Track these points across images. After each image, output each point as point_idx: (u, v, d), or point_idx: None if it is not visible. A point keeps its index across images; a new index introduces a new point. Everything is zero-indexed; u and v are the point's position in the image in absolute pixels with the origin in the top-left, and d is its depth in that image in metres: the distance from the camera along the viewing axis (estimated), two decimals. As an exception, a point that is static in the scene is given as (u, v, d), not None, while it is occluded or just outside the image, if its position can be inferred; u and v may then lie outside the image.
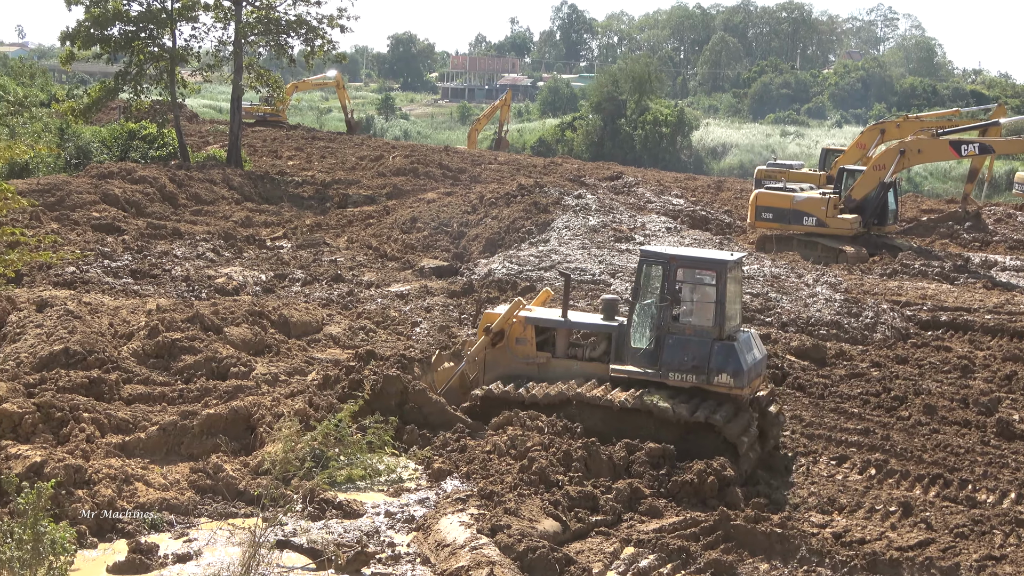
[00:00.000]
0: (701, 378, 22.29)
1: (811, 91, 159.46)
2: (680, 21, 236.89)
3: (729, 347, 22.25)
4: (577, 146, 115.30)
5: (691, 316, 23.00)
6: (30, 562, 13.54)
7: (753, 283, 38.43)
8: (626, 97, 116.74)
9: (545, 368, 24.28)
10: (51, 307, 27.55)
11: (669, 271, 22.73)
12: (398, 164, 70.48)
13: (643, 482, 20.20)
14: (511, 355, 24.60)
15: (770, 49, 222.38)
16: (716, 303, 22.40)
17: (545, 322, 24.67)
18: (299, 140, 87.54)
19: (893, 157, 47.35)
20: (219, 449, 20.29)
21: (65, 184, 48.77)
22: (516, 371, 24.42)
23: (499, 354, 24.71)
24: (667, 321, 22.72)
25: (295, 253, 43.28)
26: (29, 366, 23.88)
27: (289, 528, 16.89)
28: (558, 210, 48.58)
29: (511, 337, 24.62)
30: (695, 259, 23.49)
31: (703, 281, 23.01)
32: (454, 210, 50.86)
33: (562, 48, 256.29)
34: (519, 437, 20.92)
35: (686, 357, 22.36)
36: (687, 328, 22.70)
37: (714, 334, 22.35)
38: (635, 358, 23.08)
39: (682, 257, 23.20)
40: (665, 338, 22.67)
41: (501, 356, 24.69)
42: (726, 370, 22.08)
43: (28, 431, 19.56)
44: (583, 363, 24.10)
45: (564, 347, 24.55)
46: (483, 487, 19.08)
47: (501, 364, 24.65)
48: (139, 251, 40.13)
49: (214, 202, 54.42)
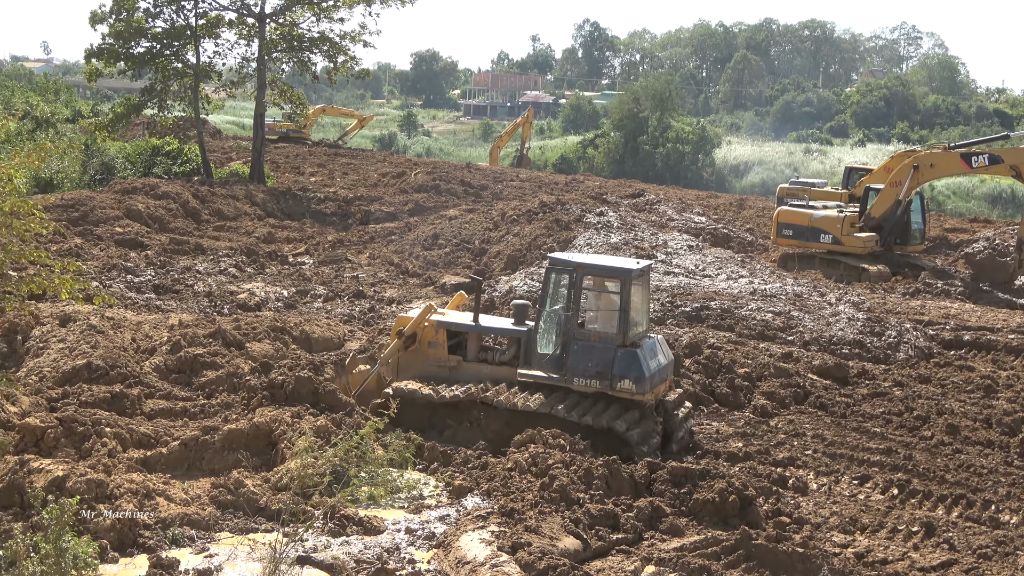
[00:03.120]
0: (604, 384, 22.92)
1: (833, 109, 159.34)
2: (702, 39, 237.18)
3: (632, 354, 22.80)
4: (599, 163, 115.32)
5: (596, 323, 23.74)
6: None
7: (775, 301, 38.30)
8: (648, 115, 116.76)
9: (456, 371, 24.68)
10: (74, 322, 27.68)
11: (575, 279, 23.31)
12: (420, 181, 70.55)
13: (664, 500, 20.14)
14: (423, 358, 24.99)
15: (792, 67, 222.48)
16: (620, 311, 22.97)
17: (456, 326, 25.15)
18: (321, 156, 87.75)
19: (907, 173, 47.20)
20: (240, 464, 20.31)
21: (89, 199, 48.94)
22: (428, 374, 24.78)
23: (412, 357, 25.08)
24: (573, 328, 23.27)
25: (317, 269, 43.37)
26: (52, 380, 24.00)
27: (309, 544, 16.87)
28: (580, 227, 48.54)
29: (423, 340, 25.03)
30: (600, 267, 24.06)
31: (608, 289, 23.64)
32: (476, 227, 50.91)
33: (584, 66, 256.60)
34: (540, 454, 20.89)
35: (590, 363, 22.99)
36: (592, 335, 23.32)
37: (618, 341, 22.91)
38: (542, 363, 23.67)
39: (588, 265, 23.75)
40: (571, 344, 23.21)
41: (414, 359, 25.07)
42: (628, 376, 22.66)
43: (51, 445, 19.62)
44: (493, 367, 24.53)
45: (475, 351, 24.98)
46: (504, 504, 19.04)
47: (414, 367, 24.99)
48: (162, 266, 40.29)
49: (237, 218, 54.55)
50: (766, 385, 29.20)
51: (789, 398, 28.59)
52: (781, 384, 29.23)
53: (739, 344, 33.20)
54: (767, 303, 37.83)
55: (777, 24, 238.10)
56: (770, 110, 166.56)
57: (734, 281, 42.25)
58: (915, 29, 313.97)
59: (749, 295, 39.54)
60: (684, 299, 37.92)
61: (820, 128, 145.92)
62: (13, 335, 27.29)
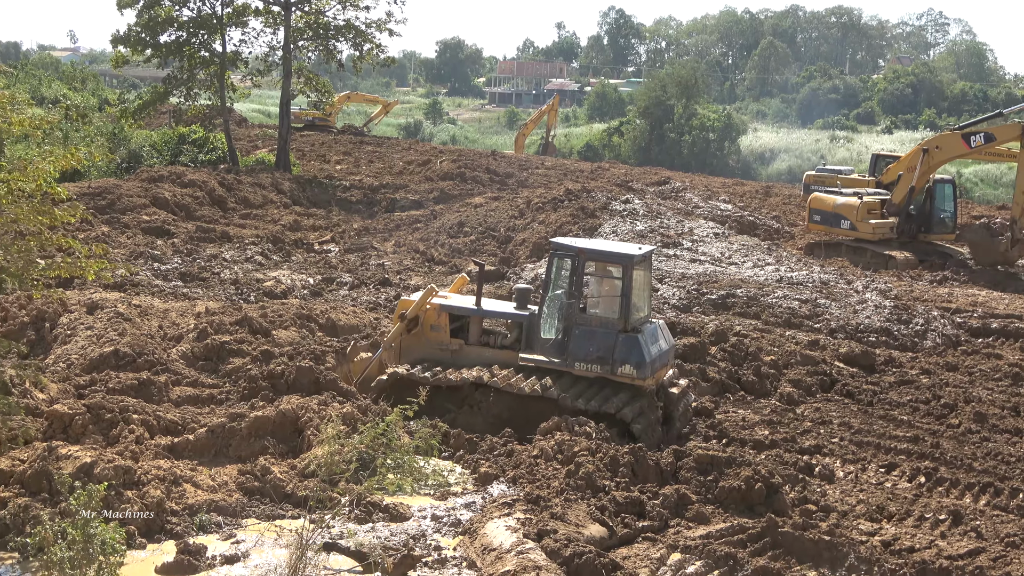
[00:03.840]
0: (606, 368, 23.00)
1: (860, 96, 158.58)
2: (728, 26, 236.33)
3: (633, 339, 22.87)
4: (624, 151, 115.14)
5: (598, 308, 23.76)
6: (80, 563, 13.64)
7: (801, 289, 38.18)
8: (673, 102, 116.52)
9: (458, 355, 24.77)
10: (101, 309, 27.76)
11: (578, 263, 23.35)
12: (445, 169, 70.55)
13: (690, 488, 20.10)
14: (426, 342, 25.06)
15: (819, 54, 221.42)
16: (622, 296, 23.01)
17: (458, 310, 25.20)
18: (347, 144, 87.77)
19: (919, 158, 46.99)
20: (267, 451, 20.35)
21: (116, 188, 49.13)
22: (431, 357, 24.84)
23: (414, 340, 25.16)
24: (575, 312, 23.34)
25: (343, 257, 43.42)
26: (80, 368, 24.09)
27: (336, 531, 16.89)
28: (605, 215, 48.46)
29: (425, 324, 25.11)
30: (603, 252, 24.12)
31: (610, 274, 23.71)
32: (501, 215, 50.88)
33: (609, 53, 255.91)
34: (566, 442, 20.87)
35: (592, 348, 23.08)
36: (594, 320, 23.38)
37: (619, 326, 22.96)
38: (544, 347, 23.74)
39: (590, 250, 23.80)
40: (573, 329, 23.30)
41: (416, 342, 25.14)
42: (629, 361, 22.72)
43: (78, 432, 19.71)
44: (495, 351, 24.64)
45: (477, 334, 25.09)
46: (530, 492, 19.04)
47: (416, 350, 25.06)
48: (188, 254, 40.39)
49: (263, 206, 54.67)
50: (792, 373, 29.12)
51: (815, 386, 28.51)
52: (807, 372, 29.15)
53: (765, 332, 33.13)
54: (793, 291, 37.71)
55: (803, 11, 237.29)
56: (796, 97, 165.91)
57: (760, 269, 42.13)
58: (942, 15, 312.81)
59: (775, 283, 39.42)
60: (710, 287, 37.83)
61: (847, 115, 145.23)
62: (41, 322, 27.39)
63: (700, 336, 30.77)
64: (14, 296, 27.37)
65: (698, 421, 25.26)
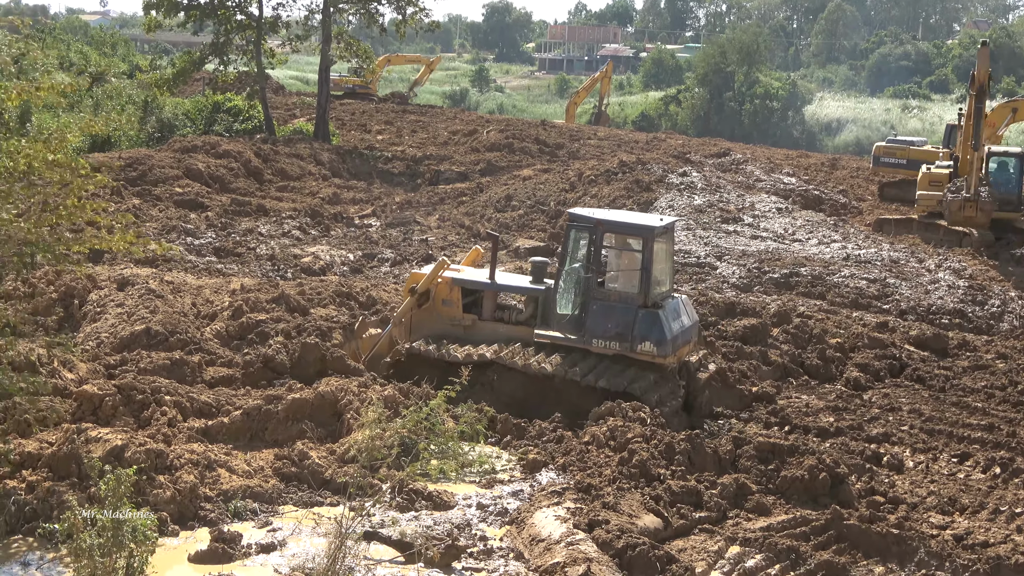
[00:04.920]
0: (624, 346, 23.03)
1: (933, 63, 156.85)
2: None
3: (653, 315, 22.91)
4: (682, 121, 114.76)
5: (617, 282, 23.81)
6: (110, 550, 13.73)
7: (870, 268, 37.96)
8: (734, 69, 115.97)
9: (471, 330, 24.83)
10: (132, 286, 27.93)
11: (596, 236, 23.35)
12: (492, 139, 70.50)
13: (750, 477, 20.04)
14: (437, 316, 25.13)
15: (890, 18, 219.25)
16: (642, 270, 23.03)
17: (471, 284, 25.30)
18: (389, 113, 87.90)
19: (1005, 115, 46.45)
20: (304, 435, 20.45)
21: (147, 158, 49.38)
22: (442, 332, 24.90)
23: (425, 315, 25.20)
24: (592, 287, 23.37)
25: (384, 232, 43.51)
26: (110, 347, 24.26)
27: (377, 519, 16.97)
28: (661, 189, 48.37)
29: (437, 298, 25.16)
30: (622, 224, 24.19)
31: (630, 247, 23.70)
32: (551, 188, 50.83)
33: (666, 17, 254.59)
34: (619, 428, 20.86)
35: (610, 324, 23.12)
36: (612, 295, 23.44)
37: (639, 301, 22.99)
38: (560, 324, 23.76)
39: (609, 222, 23.82)
40: (590, 304, 23.31)
41: (427, 317, 25.18)
42: (649, 338, 22.75)
43: (108, 414, 19.85)
44: (510, 326, 24.67)
45: (491, 309, 25.12)
46: (580, 480, 19.06)
47: (427, 326, 25.12)
48: (223, 228, 40.61)
49: (301, 178, 54.84)
50: (859, 356, 28.96)
51: (884, 370, 28.34)
52: (876, 355, 28.99)
53: (831, 313, 32.98)
54: (861, 269, 37.50)
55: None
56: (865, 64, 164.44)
57: (826, 246, 41.94)
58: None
59: (842, 261, 39.21)
60: (772, 265, 37.69)
61: (919, 83, 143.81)
62: (70, 299, 27.60)
63: (761, 317, 30.66)
64: (42, 272, 27.58)
65: (759, 407, 25.18)
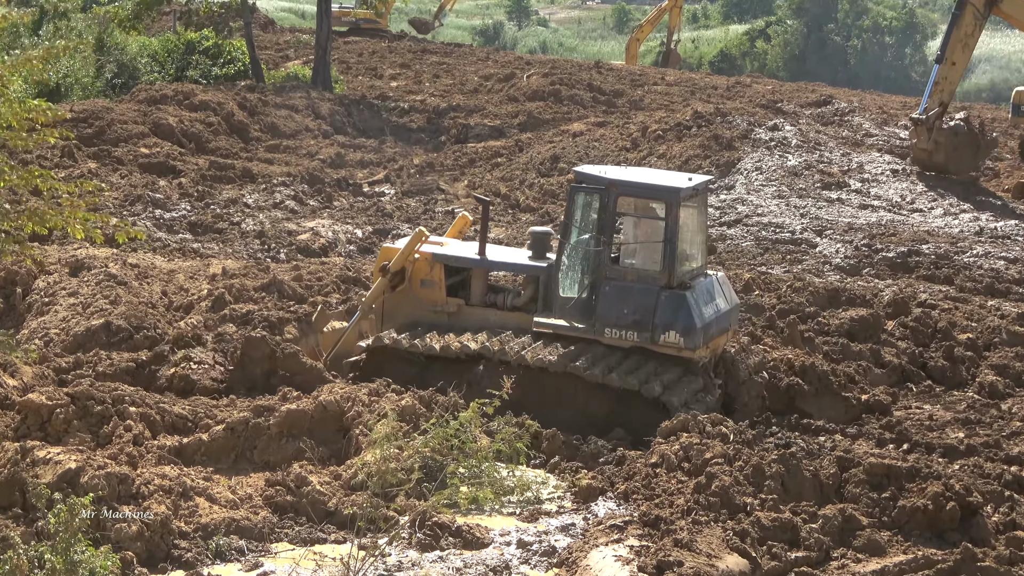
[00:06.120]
0: (644, 336, 22.90)
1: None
2: None
3: (679, 298, 22.76)
4: (772, 61, 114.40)
5: (634, 258, 23.66)
6: (62, 598, 13.83)
7: (1009, 244, 37.81)
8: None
9: (457, 318, 24.61)
10: (88, 270, 28.07)
11: (607, 200, 23.13)
12: (534, 85, 70.41)
13: (859, 508, 19.97)
14: (415, 301, 24.86)
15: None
16: (666, 241, 22.80)
17: (457, 260, 25.00)
18: (405, 54, 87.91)
19: None
20: (303, 456, 20.49)
21: (105, 111, 49.46)
22: (421, 321, 24.63)
23: (400, 300, 25.00)
24: (605, 263, 23.19)
25: (400, 202, 43.61)
26: (61, 346, 24.41)
27: (393, 559, 17.03)
28: (746, 146, 48.29)
29: (414, 279, 24.85)
30: (640, 185, 24.04)
31: (651, 213, 23.59)
32: (608, 146, 50.81)
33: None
34: (695, 446, 20.82)
35: (626, 309, 22.92)
36: (629, 273, 23.33)
37: (662, 281, 22.88)
38: (564, 309, 23.55)
39: (625, 182, 23.64)
40: (602, 285, 23.14)
41: (402, 302, 24.98)
42: (674, 326, 22.60)
43: (60, 429, 19.89)
44: (504, 313, 24.48)
45: (481, 292, 24.89)
46: (646, 511, 19.04)
47: (402, 313, 24.91)
48: (200, 198, 40.71)
49: (296, 135, 54.95)
50: (996, 356, 28.81)
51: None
52: (1016, 355, 28.81)
53: (960, 302, 32.82)
54: (998, 247, 37.35)
55: None
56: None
57: (953, 217, 41.79)
58: None
59: (974, 236, 39.06)
60: (886, 241, 37.58)
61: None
62: (11, 287, 27.77)
63: (873, 307, 30.53)
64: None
65: (869, 419, 25.09)
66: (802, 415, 24.85)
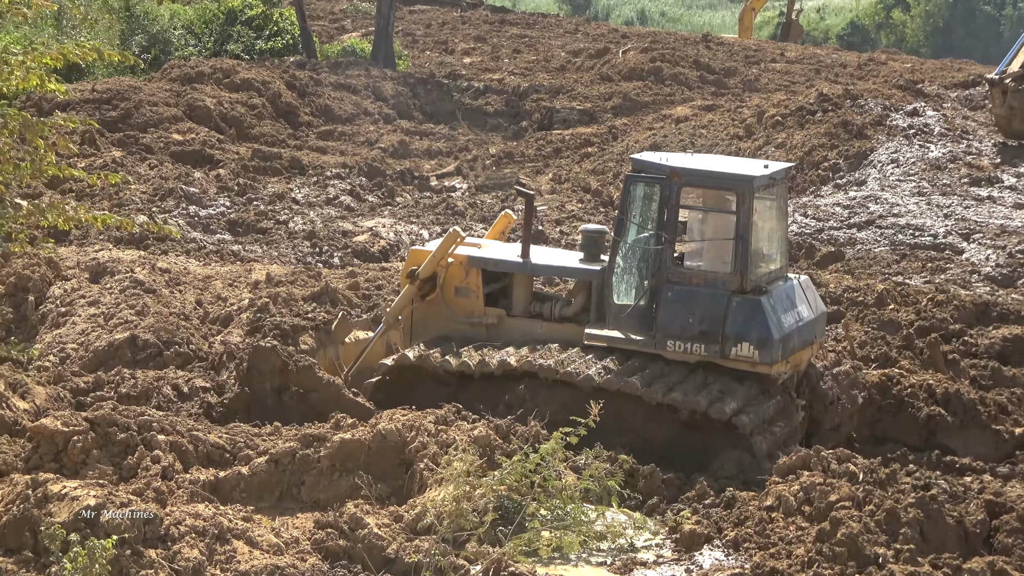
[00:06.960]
0: (712, 349, 22.73)
1: None
2: None
3: (754, 304, 22.59)
4: (911, 35, 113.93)
5: (701, 258, 23.56)
6: (80, 656, 13.90)
7: None
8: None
9: (497, 330, 24.55)
10: (111, 275, 28.23)
11: (669, 191, 23.01)
12: (631, 62, 70.45)
13: (1011, 561, 19.83)
14: (448, 311, 24.81)
15: None
16: (737, 239, 22.63)
17: (496, 264, 24.96)
18: (480, 25, 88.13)
19: None
20: (358, 493, 20.54)
21: (133, 92, 49.73)
22: (456, 334, 24.59)
23: (431, 310, 25.00)
24: (666, 265, 23.06)
25: (473, 198, 43.65)
26: (79, 363, 24.53)
27: (462, 616, 17.04)
28: (880, 135, 48.08)
29: (448, 286, 24.80)
30: (708, 174, 23.80)
31: (721, 206, 23.46)
32: (718, 133, 50.74)
33: None
34: (818, 487, 20.74)
35: (691, 318, 22.76)
36: (695, 276, 23.21)
37: (733, 284, 22.74)
38: (619, 318, 23.43)
39: (690, 171, 23.50)
40: (663, 290, 23.01)
41: (434, 313, 24.99)
42: (748, 338, 22.43)
43: (78, 460, 20.00)
44: (552, 324, 24.37)
45: (524, 301, 24.81)
46: (760, 562, 18.99)
47: (434, 324, 24.94)
48: (241, 193, 40.90)
49: (353, 119, 55.16)
50: None
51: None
52: None
53: None
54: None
55: None
56: None
57: None
58: None
59: None
60: (1046, 247, 37.32)
61: None
62: (22, 294, 27.88)
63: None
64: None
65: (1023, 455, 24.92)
66: (944, 451, 24.70)
